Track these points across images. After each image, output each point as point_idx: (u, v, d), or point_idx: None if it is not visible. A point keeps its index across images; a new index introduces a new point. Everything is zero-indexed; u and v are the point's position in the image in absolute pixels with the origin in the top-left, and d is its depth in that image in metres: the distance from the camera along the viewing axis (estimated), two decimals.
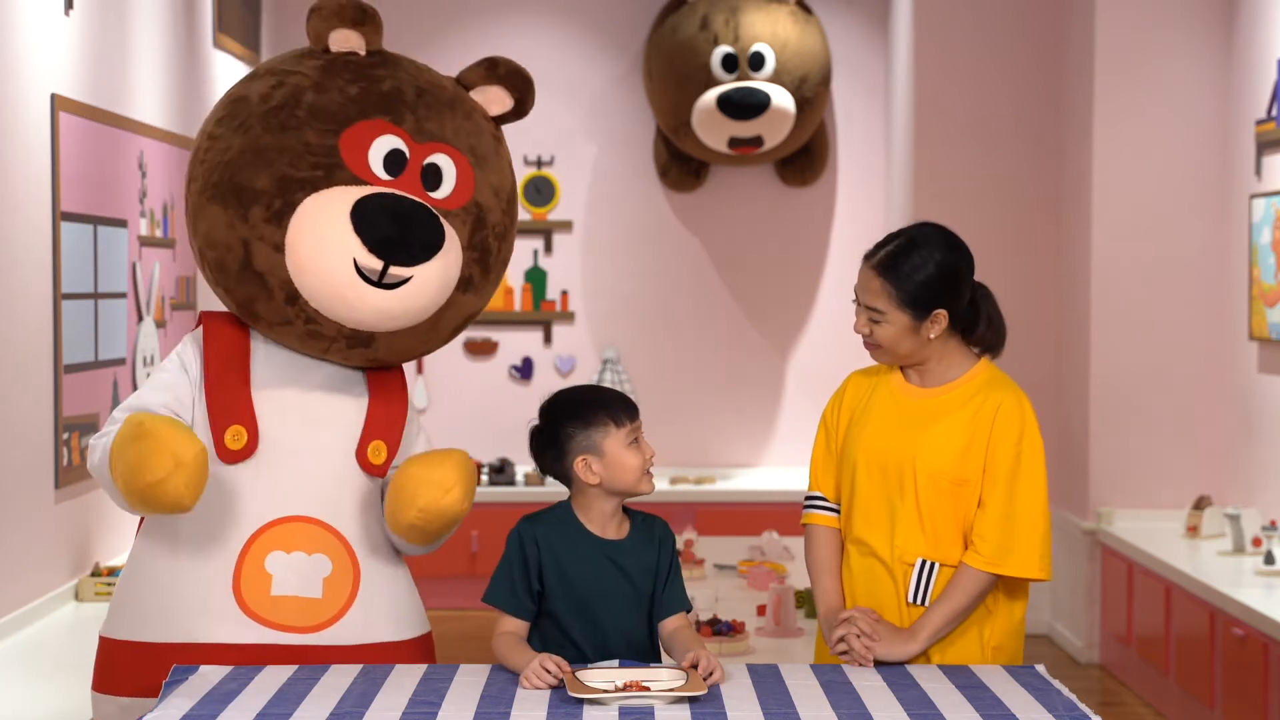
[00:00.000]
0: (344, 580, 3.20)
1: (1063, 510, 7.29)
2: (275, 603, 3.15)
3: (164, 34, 6.07)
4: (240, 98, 3.25)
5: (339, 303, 3.16)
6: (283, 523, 3.18)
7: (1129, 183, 6.95)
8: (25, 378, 4.64)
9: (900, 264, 3.19)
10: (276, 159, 3.15)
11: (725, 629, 4.38)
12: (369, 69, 3.26)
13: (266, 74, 3.27)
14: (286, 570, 3.16)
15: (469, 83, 3.44)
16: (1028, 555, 3.17)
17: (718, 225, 8.43)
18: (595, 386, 3.23)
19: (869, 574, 3.25)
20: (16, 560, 4.57)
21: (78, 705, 3.77)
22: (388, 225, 3.11)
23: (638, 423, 3.12)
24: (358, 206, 3.12)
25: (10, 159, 4.57)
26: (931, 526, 3.19)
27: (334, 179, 3.15)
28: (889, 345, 3.23)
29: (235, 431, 3.18)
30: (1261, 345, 6.46)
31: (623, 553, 3.11)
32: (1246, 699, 5.31)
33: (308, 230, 3.12)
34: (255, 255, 3.16)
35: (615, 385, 8.29)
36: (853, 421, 3.31)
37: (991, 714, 2.75)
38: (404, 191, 3.18)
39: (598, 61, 8.40)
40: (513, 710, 2.75)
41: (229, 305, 3.31)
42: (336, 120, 3.18)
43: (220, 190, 3.18)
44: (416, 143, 3.23)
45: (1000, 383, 3.26)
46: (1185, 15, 6.91)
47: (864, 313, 3.25)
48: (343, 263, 3.12)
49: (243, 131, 3.19)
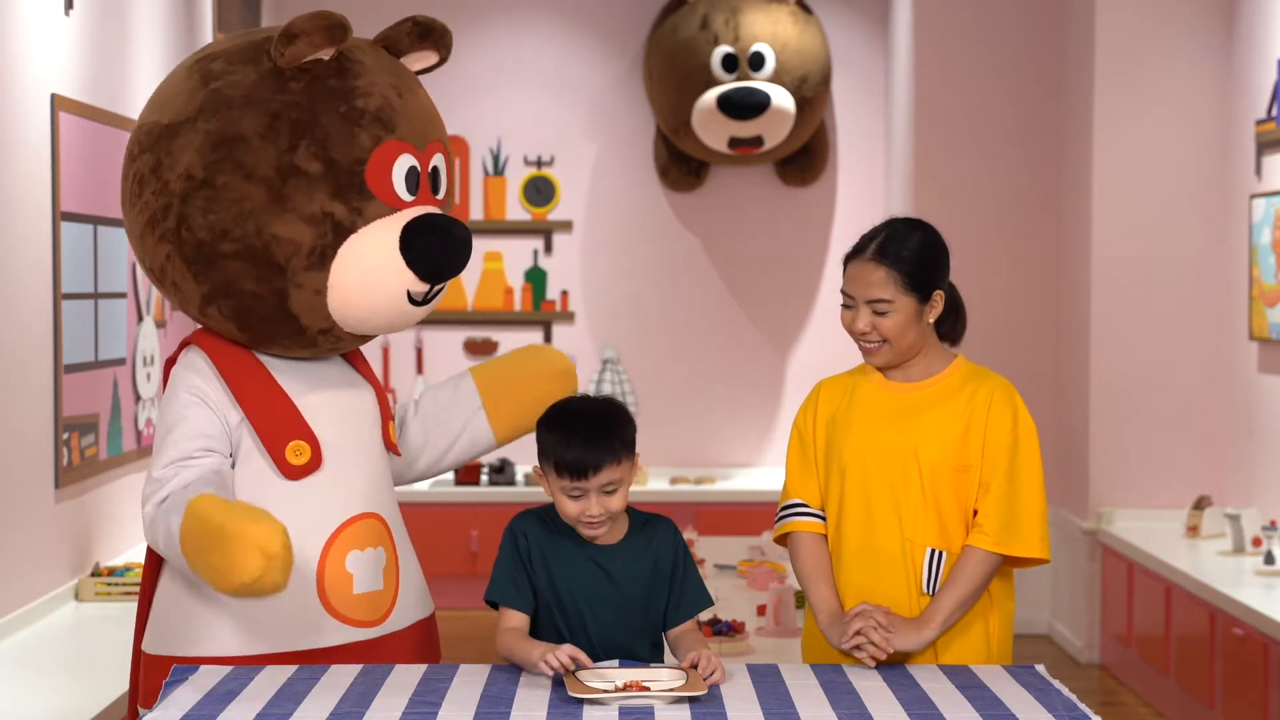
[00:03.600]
0: (392, 568, 3.27)
1: (1063, 510, 7.29)
2: (357, 601, 3.19)
3: (164, 34, 6.07)
4: (236, 138, 3.04)
5: (382, 325, 3.19)
6: (351, 523, 3.20)
7: (1129, 183, 6.95)
8: (25, 378, 4.64)
9: (897, 248, 3.22)
10: (304, 204, 3.05)
11: (725, 629, 4.39)
12: (347, 79, 3.11)
13: (246, 104, 3.05)
14: (363, 568, 3.20)
15: (399, 49, 3.27)
16: (1030, 535, 3.20)
17: (718, 225, 8.43)
18: (578, 423, 3.07)
19: (874, 571, 3.24)
20: (16, 560, 4.57)
21: (78, 705, 3.77)
22: (440, 252, 3.10)
23: (586, 483, 2.99)
24: (405, 240, 3.07)
25: (10, 159, 4.57)
26: (937, 512, 3.20)
27: (368, 215, 3.09)
28: (895, 336, 3.23)
29: (297, 447, 3.16)
30: (1261, 345, 6.46)
31: (611, 558, 3.09)
32: (1246, 699, 5.31)
33: (355, 270, 3.08)
34: (292, 301, 3.11)
35: (615, 385, 8.28)
36: (833, 426, 3.30)
37: (991, 714, 2.75)
38: (426, 206, 3.16)
39: (598, 61, 8.40)
40: (513, 710, 2.75)
41: (233, 337, 3.22)
42: (353, 152, 3.07)
43: (246, 245, 3.06)
44: (420, 151, 3.18)
45: (985, 373, 3.31)
46: (1185, 15, 6.91)
47: (865, 310, 3.24)
48: (396, 296, 3.12)
49: (256, 181, 3.04)
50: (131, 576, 4.94)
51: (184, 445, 3.11)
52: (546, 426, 3.10)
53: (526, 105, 8.37)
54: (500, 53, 8.39)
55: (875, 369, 3.33)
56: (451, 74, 8.36)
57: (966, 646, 3.24)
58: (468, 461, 3.63)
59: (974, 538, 3.20)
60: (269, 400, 3.16)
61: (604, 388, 8.27)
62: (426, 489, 7.82)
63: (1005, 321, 7.48)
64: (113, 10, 5.50)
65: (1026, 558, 3.22)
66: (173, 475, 3.08)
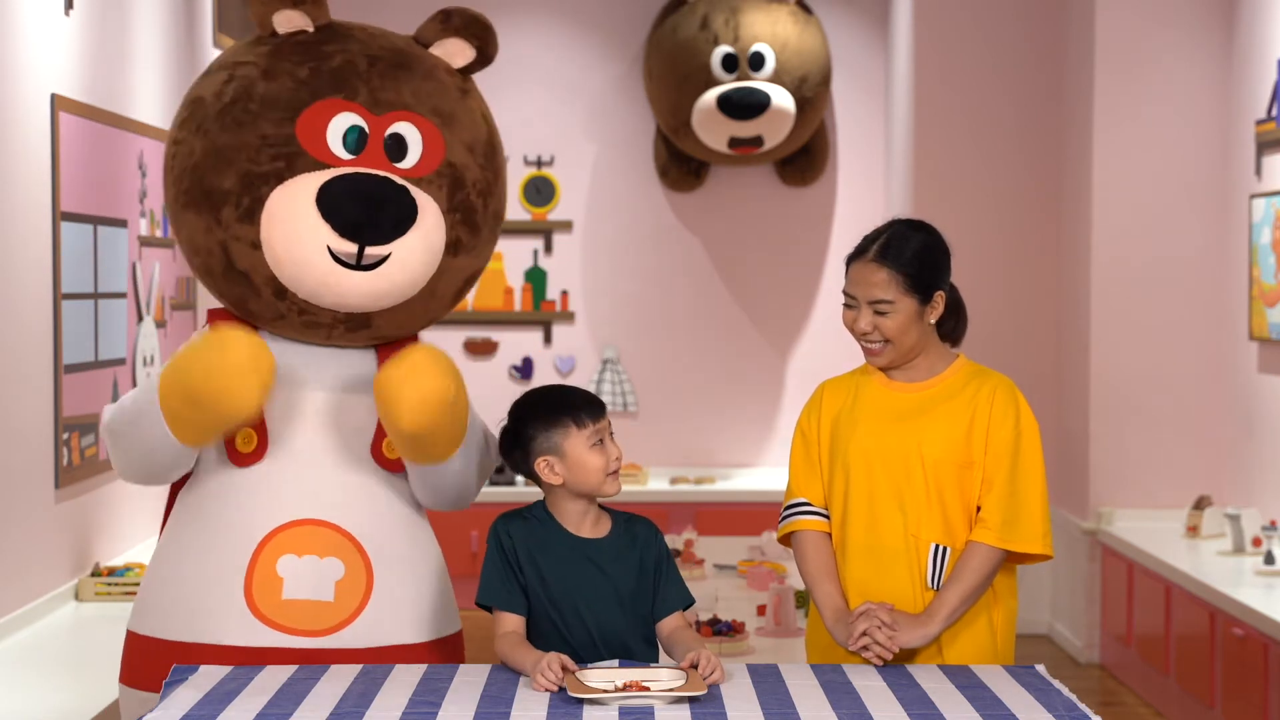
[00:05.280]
0: (356, 583, 3.19)
1: (1063, 510, 7.29)
2: (286, 606, 3.14)
3: (164, 34, 6.07)
4: (197, 99, 3.23)
5: (323, 290, 3.14)
6: (294, 526, 3.16)
7: (1129, 183, 6.95)
8: (25, 378, 4.64)
9: (899, 250, 3.24)
10: (237, 156, 3.12)
11: (725, 629, 4.38)
12: (317, 46, 3.19)
13: (219, 69, 3.23)
14: (298, 574, 3.14)
15: (426, 39, 3.33)
16: (1032, 531, 3.21)
17: (718, 225, 8.43)
18: (561, 386, 3.20)
19: (879, 567, 3.24)
20: (16, 560, 4.57)
21: (78, 705, 3.78)
22: (354, 207, 3.07)
23: (602, 423, 3.09)
24: (322, 193, 3.08)
25: (10, 159, 4.57)
26: (941, 508, 3.22)
27: (296, 168, 3.11)
28: (897, 336, 3.25)
29: (245, 434, 3.16)
30: (1261, 345, 6.46)
31: (600, 551, 3.10)
32: (1246, 699, 5.31)
33: (278, 224, 3.10)
34: (235, 255, 3.15)
35: (615, 385, 8.29)
36: (838, 425, 3.31)
37: (991, 714, 2.75)
38: (368, 168, 3.12)
39: (598, 61, 8.40)
40: (513, 710, 2.75)
41: (225, 305, 3.30)
42: (289, 107, 3.13)
43: (192, 196, 3.17)
44: (375, 115, 3.16)
45: (987, 372, 3.33)
46: (1185, 15, 6.91)
47: (866, 310, 3.26)
48: (317, 252, 3.09)
49: (202, 134, 3.16)
50: (132, 576, 4.94)
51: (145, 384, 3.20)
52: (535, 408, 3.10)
53: (526, 105, 8.36)
54: (500, 53, 8.37)
55: (878, 369, 3.34)
56: None
57: (971, 642, 3.24)
58: None
59: (977, 533, 3.21)
60: None
61: (604, 388, 8.27)
62: None
63: (1005, 321, 7.48)
64: (113, 10, 5.50)
65: (1029, 553, 3.23)
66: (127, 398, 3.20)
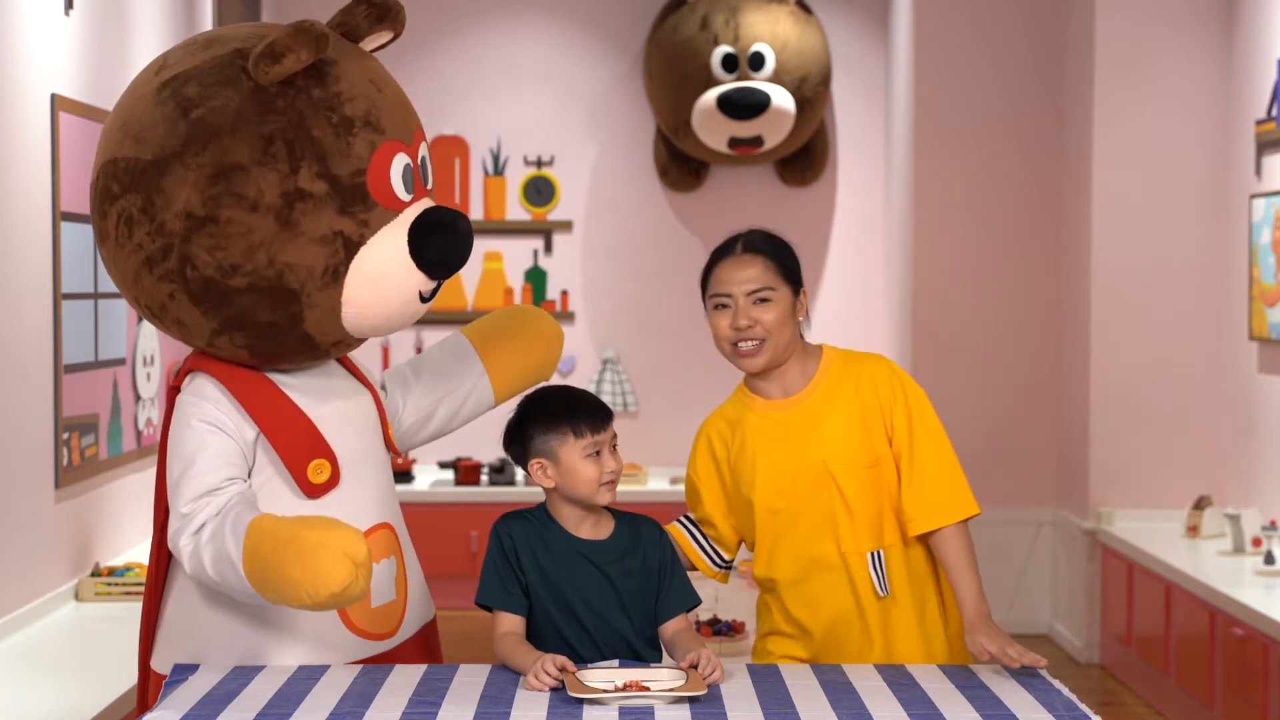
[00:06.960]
0: (402, 575, 3.23)
1: (1063, 510, 7.29)
2: (373, 615, 3.15)
3: (164, 34, 6.08)
4: (234, 168, 2.92)
5: (394, 327, 3.16)
6: (368, 535, 3.14)
7: (1129, 183, 6.95)
8: (25, 378, 4.64)
9: (766, 242, 3.32)
10: (313, 226, 2.95)
11: (725, 629, 4.38)
12: (329, 85, 3.00)
13: (235, 130, 2.93)
14: (379, 580, 3.14)
15: (358, 34, 3.13)
16: (964, 497, 3.23)
17: (718, 225, 8.40)
18: (571, 391, 3.19)
19: (821, 590, 3.24)
20: (16, 560, 4.57)
21: (78, 705, 3.77)
22: (447, 250, 3.06)
23: (603, 435, 3.08)
24: (413, 242, 3.02)
25: (10, 159, 4.57)
26: (863, 514, 3.21)
27: (374, 224, 3.01)
28: (776, 329, 3.23)
29: (318, 466, 3.10)
30: (1261, 345, 6.46)
31: (601, 553, 3.10)
32: (1246, 699, 5.31)
33: (368, 283, 3.02)
34: (307, 323, 3.04)
35: (615, 385, 8.28)
36: (736, 471, 3.29)
37: (991, 714, 2.75)
38: (425, 202, 3.10)
39: (598, 61, 8.40)
40: (513, 710, 2.76)
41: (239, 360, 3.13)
42: (352, 163, 2.98)
43: (260, 276, 2.97)
44: (408, 145, 3.10)
45: (857, 357, 3.31)
46: (1185, 15, 6.91)
47: (744, 304, 3.25)
48: (410, 298, 3.08)
49: (264, 210, 2.93)
50: (132, 576, 4.94)
51: (207, 478, 3.01)
52: (540, 408, 3.13)
53: (526, 105, 8.37)
54: (500, 53, 8.39)
55: (754, 396, 3.31)
56: (451, 74, 8.36)
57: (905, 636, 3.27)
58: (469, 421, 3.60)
59: (929, 522, 3.21)
60: (286, 419, 3.09)
61: (604, 388, 8.26)
62: (426, 489, 7.82)
63: (1005, 322, 7.48)
64: (113, 10, 5.50)
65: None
66: (204, 506, 2.99)
